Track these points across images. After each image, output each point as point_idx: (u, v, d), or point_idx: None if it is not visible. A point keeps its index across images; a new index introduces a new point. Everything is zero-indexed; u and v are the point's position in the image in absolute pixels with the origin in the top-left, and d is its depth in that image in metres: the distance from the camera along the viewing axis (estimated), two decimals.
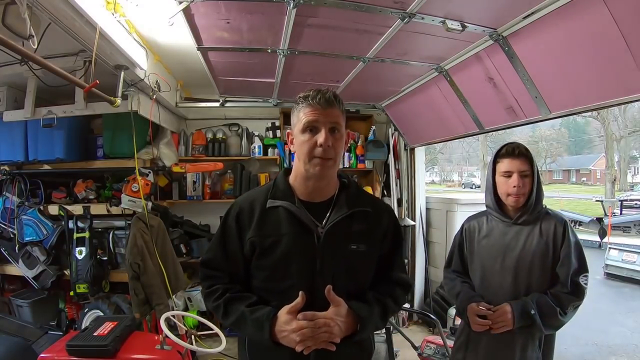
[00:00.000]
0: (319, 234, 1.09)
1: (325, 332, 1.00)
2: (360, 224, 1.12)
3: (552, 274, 1.48)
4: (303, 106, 1.08)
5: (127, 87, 2.59)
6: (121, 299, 3.08)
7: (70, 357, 2.00)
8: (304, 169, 1.09)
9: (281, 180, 1.17)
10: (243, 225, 1.12)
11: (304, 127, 1.06)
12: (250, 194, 1.20)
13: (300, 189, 1.13)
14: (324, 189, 1.14)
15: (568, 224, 1.51)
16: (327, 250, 1.08)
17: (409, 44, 2.30)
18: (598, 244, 8.57)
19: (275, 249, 1.09)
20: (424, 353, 2.54)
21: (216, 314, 1.14)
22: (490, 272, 1.54)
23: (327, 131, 1.05)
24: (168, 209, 3.50)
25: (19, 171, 3.21)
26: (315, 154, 1.05)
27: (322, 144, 1.04)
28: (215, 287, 1.14)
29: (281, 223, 1.09)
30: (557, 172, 33.29)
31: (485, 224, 1.61)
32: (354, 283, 1.12)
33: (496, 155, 1.53)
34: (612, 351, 3.72)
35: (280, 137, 4.10)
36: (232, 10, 1.95)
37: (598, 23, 1.61)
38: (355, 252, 1.10)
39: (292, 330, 1.00)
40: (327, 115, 1.05)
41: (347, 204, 1.12)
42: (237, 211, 1.14)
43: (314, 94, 1.06)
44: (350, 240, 1.10)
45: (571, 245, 1.46)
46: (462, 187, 30.17)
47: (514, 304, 1.44)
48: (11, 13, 1.52)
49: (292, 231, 1.08)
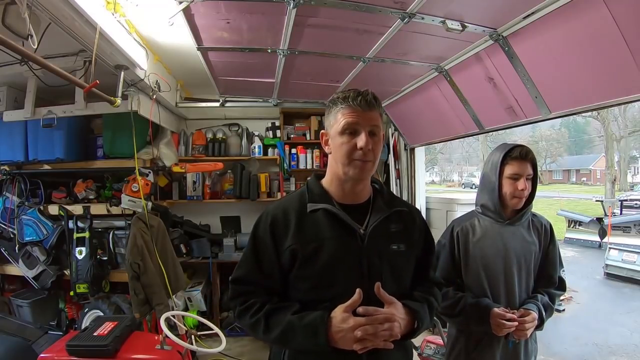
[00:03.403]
0: (362, 236, 1.06)
1: (387, 330, 0.96)
2: (398, 225, 1.11)
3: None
4: (342, 107, 1.04)
5: (127, 87, 2.60)
6: (121, 299, 3.08)
7: (70, 357, 2.00)
8: (343, 171, 1.06)
9: (315, 184, 1.14)
10: (279, 234, 1.06)
11: (343, 128, 1.03)
12: (281, 202, 1.15)
13: (337, 192, 1.10)
14: (361, 192, 1.12)
15: (552, 224, 1.64)
16: (373, 252, 1.06)
17: (409, 44, 2.30)
18: (598, 244, 8.58)
19: (318, 255, 1.03)
20: (424, 353, 2.54)
21: (254, 331, 1.05)
22: (494, 273, 1.53)
23: (367, 134, 1.02)
24: (168, 209, 3.50)
25: (19, 171, 3.22)
26: (355, 157, 1.03)
27: (362, 147, 1.01)
28: (251, 302, 1.06)
29: (322, 227, 1.05)
30: (557, 172, 33.32)
31: (478, 225, 1.59)
32: (397, 284, 1.09)
33: (505, 157, 1.51)
34: (612, 351, 3.72)
35: (280, 137, 4.10)
36: (232, 10, 1.95)
37: (598, 23, 1.61)
38: (396, 252, 1.09)
39: (350, 329, 0.94)
40: (368, 117, 1.03)
41: (386, 205, 1.12)
42: (270, 221, 1.08)
43: (354, 95, 1.03)
44: (391, 240, 1.09)
45: (556, 244, 1.61)
46: (462, 187, 30.15)
47: (534, 308, 1.48)
48: (11, 13, 1.52)
49: (335, 235, 1.04)
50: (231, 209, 3.99)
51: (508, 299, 1.51)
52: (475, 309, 1.49)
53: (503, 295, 1.51)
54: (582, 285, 5.95)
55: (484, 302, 1.49)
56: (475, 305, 1.49)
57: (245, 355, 3.11)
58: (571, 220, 9.54)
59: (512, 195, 1.50)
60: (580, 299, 5.43)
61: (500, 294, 1.52)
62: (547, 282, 1.58)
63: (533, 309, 1.47)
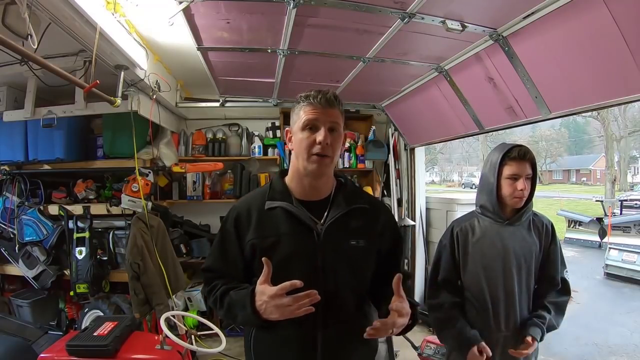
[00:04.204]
0: (319, 231, 1.10)
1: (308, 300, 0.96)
2: (358, 221, 1.14)
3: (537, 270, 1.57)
4: (304, 105, 1.10)
5: (127, 87, 2.59)
6: (121, 299, 3.08)
7: (70, 357, 2.00)
8: (302, 166, 1.11)
9: (277, 181, 1.20)
10: (242, 228, 1.14)
11: (303, 124, 1.09)
12: (247, 197, 1.23)
13: (297, 188, 1.16)
14: (321, 188, 1.16)
15: (553, 224, 1.61)
16: (328, 247, 1.09)
17: (409, 44, 2.30)
18: (598, 244, 8.57)
19: (276, 249, 1.09)
20: (424, 353, 2.53)
21: (216, 310, 1.15)
22: (493, 273, 1.53)
23: (327, 130, 1.07)
24: (168, 209, 3.50)
25: (19, 171, 3.21)
26: (313, 152, 1.07)
27: (321, 141, 1.06)
28: (213, 284, 1.16)
29: (280, 223, 1.11)
30: (557, 172, 33.33)
31: (477, 225, 1.59)
32: (357, 279, 1.13)
33: (504, 158, 1.51)
34: (612, 351, 3.72)
35: (280, 137, 4.10)
36: (232, 10, 1.95)
37: (598, 23, 1.61)
38: (355, 247, 1.11)
39: (268, 299, 0.98)
40: (327, 114, 1.08)
41: (345, 201, 1.14)
42: (235, 216, 1.16)
43: (315, 94, 1.09)
44: (350, 236, 1.12)
45: (558, 244, 1.58)
46: (462, 187, 30.14)
47: (533, 330, 1.47)
48: (11, 13, 1.52)
49: (291, 230, 1.10)
50: None
51: (507, 299, 1.51)
52: (457, 338, 1.52)
53: (502, 296, 1.51)
54: (582, 285, 5.94)
55: (468, 334, 1.49)
56: (459, 334, 1.51)
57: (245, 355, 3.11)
58: (571, 220, 9.54)
59: (511, 195, 1.50)
60: (580, 299, 5.42)
61: (499, 294, 1.51)
62: (550, 284, 1.56)
63: (537, 335, 1.46)
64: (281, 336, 1.09)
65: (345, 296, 1.11)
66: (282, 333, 1.08)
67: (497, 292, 1.51)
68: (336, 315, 1.09)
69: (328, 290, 1.05)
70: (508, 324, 1.51)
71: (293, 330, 1.07)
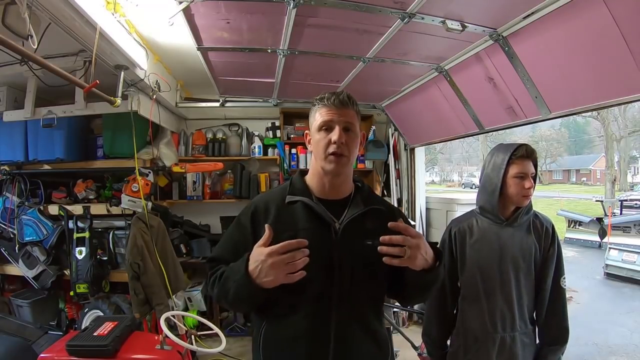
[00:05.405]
0: (336, 228, 1.11)
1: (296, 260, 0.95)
2: (375, 221, 1.14)
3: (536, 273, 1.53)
4: (319, 107, 1.13)
5: (127, 87, 2.59)
6: (121, 299, 3.08)
7: (70, 357, 2.00)
8: (320, 166, 1.13)
9: (298, 179, 1.21)
10: (258, 222, 1.13)
11: (319, 126, 1.11)
12: (266, 194, 1.24)
13: (317, 187, 1.17)
14: (340, 188, 1.18)
15: (555, 226, 1.57)
16: (345, 245, 1.10)
17: (409, 44, 2.30)
18: (598, 244, 8.58)
19: None
20: (423, 353, 2.53)
21: (220, 296, 1.10)
22: (490, 275, 1.52)
23: (341, 129, 1.09)
24: (168, 209, 3.50)
25: (19, 171, 3.21)
26: (329, 151, 1.09)
27: (335, 140, 1.08)
28: (218, 269, 1.13)
29: (299, 218, 1.12)
30: (557, 172, 33.35)
31: (475, 226, 1.58)
32: (372, 279, 1.13)
33: (511, 156, 1.49)
34: (612, 351, 3.72)
35: (280, 137, 4.10)
36: (232, 10, 1.95)
37: (598, 23, 1.61)
38: (371, 247, 1.09)
39: (265, 257, 0.95)
40: (342, 115, 1.11)
41: (363, 202, 1.17)
42: (253, 210, 1.16)
43: (329, 96, 1.12)
44: (366, 236, 1.12)
45: (557, 246, 1.53)
46: (462, 187, 30.16)
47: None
48: (11, 13, 1.52)
49: (309, 226, 1.10)
50: (231, 209, 3.98)
51: (504, 301, 1.50)
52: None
53: (500, 298, 1.50)
54: (582, 285, 5.95)
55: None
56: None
57: (245, 355, 3.11)
58: (571, 220, 9.55)
59: (519, 194, 1.48)
60: (580, 299, 5.43)
61: (497, 296, 1.50)
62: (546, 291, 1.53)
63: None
64: (293, 330, 1.09)
65: (359, 294, 1.11)
66: (294, 328, 1.08)
67: (494, 293, 1.51)
68: (349, 312, 1.09)
69: (343, 286, 1.07)
70: (505, 326, 1.50)
71: (305, 324, 1.07)
